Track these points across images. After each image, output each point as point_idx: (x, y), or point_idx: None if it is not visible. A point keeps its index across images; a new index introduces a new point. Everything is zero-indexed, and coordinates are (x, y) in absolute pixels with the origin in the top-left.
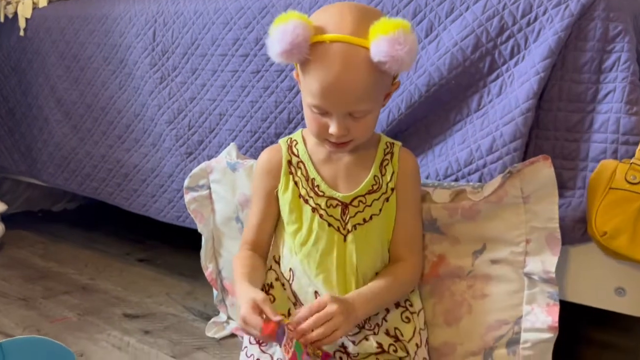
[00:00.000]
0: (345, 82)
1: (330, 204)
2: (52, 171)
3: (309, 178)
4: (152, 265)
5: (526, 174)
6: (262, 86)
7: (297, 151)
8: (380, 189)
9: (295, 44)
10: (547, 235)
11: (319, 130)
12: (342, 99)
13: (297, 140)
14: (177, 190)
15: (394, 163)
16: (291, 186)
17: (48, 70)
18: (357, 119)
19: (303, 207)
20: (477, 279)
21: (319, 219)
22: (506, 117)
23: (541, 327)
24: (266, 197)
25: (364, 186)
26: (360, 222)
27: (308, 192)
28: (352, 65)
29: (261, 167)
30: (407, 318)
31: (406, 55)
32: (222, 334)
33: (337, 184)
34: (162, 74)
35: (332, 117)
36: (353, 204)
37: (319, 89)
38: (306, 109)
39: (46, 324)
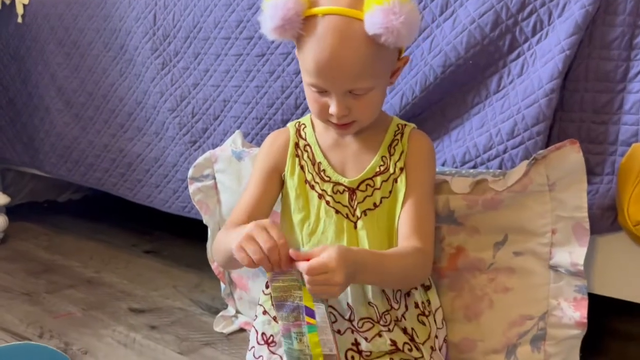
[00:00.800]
0: (341, 58)
1: (336, 189)
2: (54, 162)
3: (315, 162)
4: (159, 257)
5: (552, 160)
6: (267, 70)
7: (304, 135)
8: (388, 170)
9: (287, 18)
10: (574, 225)
11: (320, 111)
12: (339, 76)
13: (306, 124)
14: (181, 180)
15: (403, 142)
16: (297, 170)
17: (47, 57)
18: (359, 97)
19: (309, 193)
20: (498, 272)
21: (326, 206)
22: (528, 98)
23: (568, 322)
24: (265, 178)
25: (370, 168)
26: (371, 207)
27: (314, 177)
28: (347, 38)
29: (266, 146)
30: (423, 321)
31: (402, 25)
32: (231, 329)
33: (345, 169)
34: (164, 60)
35: (332, 96)
36: (360, 188)
37: (314, 66)
38: (306, 89)
39: (50, 320)
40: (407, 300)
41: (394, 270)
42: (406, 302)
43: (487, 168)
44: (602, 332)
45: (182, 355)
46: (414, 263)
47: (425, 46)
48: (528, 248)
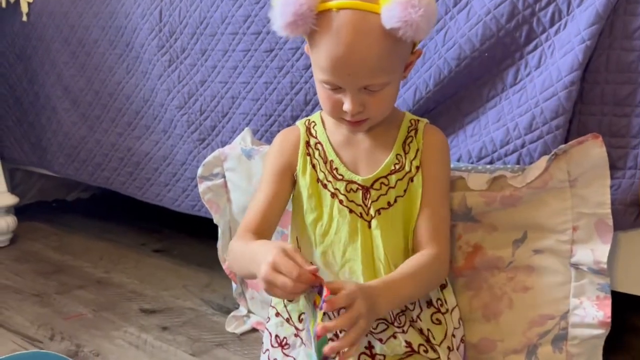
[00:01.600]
0: (356, 54)
1: (350, 188)
2: (62, 161)
3: (327, 160)
4: (169, 256)
5: (574, 155)
6: (276, 66)
7: (315, 132)
8: (403, 168)
9: (300, 14)
10: (596, 221)
11: (333, 108)
12: (354, 73)
13: (316, 121)
14: (190, 179)
15: (418, 139)
16: (309, 169)
17: (53, 56)
18: (373, 93)
19: (322, 193)
20: (518, 271)
21: (339, 205)
22: (547, 91)
23: (591, 322)
24: (277, 179)
25: (384, 166)
26: (385, 206)
27: (326, 175)
28: (363, 34)
29: (277, 145)
30: (438, 320)
31: (421, 19)
32: (243, 329)
33: (358, 167)
34: (171, 57)
35: (346, 93)
36: (374, 187)
37: (328, 63)
38: (318, 86)
39: (61, 321)
40: (420, 300)
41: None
42: (420, 303)
43: (505, 163)
44: (622, 329)
45: (194, 357)
46: (431, 275)
47: (439, 39)
48: (548, 246)
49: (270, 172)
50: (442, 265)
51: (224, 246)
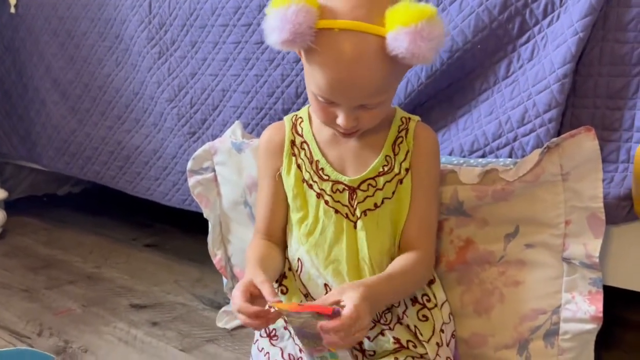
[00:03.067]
0: (357, 77)
1: (336, 188)
2: (52, 155)
3: (313, 160)
4: (160, 251)
5: (566, 148)
6: (267, 58)
7: (301, 130)
8: (392, 170)
9: (298, 33)
10: (588, 215)
11: (326, 119)
12: (352, 94)
13: (303, 117)
14: (181, 173)
15: (408, 140)
16: (294, 169)
17: (42, 48)
18: (368, 110)
19: (307, 193)
20: (509, 265)
21: (325, 206)
22: (539, 84)
23: (583, 317)
24: (273, 181)
25: (373, 168)
26: (371, 207)
27: (312, 176)
28: (365, 58)
29: (264, 147)
30: (424, 316)
31: (429, 51)
32: (234, 324)
33: (345, 167)
34: (161, 49)
35: (341, 108)
36: (361, 188)
37: (326, 83)
38: (311, 95)
39: (50, 317)
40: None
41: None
42: (404, 300)
43: (497, 157)
44: (614, 324)
45: (184, 353)
46: (417, 277)
47: None
48: (540, 240)
49: (263, 175)
50: (428, 268)
51: (214, 240)
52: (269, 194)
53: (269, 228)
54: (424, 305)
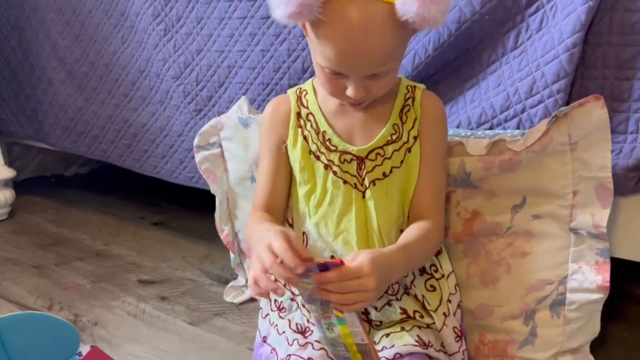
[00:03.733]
0: (366, 46)
1: (344, 159)
2: (59, 134)
3: (320, 131)
4: (167, 229)
5: (574, 117)
6: (273, 33)
7: (306, 102)
8: (400, 139)
9: (305, 4)
10: (596, 185)
11: (334, 91)
12: (362, 64)
13: (307, 90)
14: (188, 150)
15: (415, 108)
16: (300, 141)
17: (48, 26)
18: (378, 78)
19: (314, 164)
20: (517, 236)
21: (333, 177)
22: (548, 54)
23: (590, 287)
24: (275, 154)
25: (381, 137)
26: (380, 176)
27: (319, 147)
28: (374, 25)
29: (267, 119)
30: (432, 286)
31: (439, 13)
32: (241, 299)
33: (352, 137)
34: (166, 25)
35: (349, 80)
36: (370, 157)
37: (335, 54)
38: (319, 70)
39: (59, 292)
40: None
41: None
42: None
43: (504, 129)
44: (621, 297)
45: (192, 326)
46: (432, 244)
47: None
48: (547, 211)
49: (266, 148)
50: (440, 235)
51: (221, 215)
52: (270, 168)
53: (269, 201)
54: (432, 276)
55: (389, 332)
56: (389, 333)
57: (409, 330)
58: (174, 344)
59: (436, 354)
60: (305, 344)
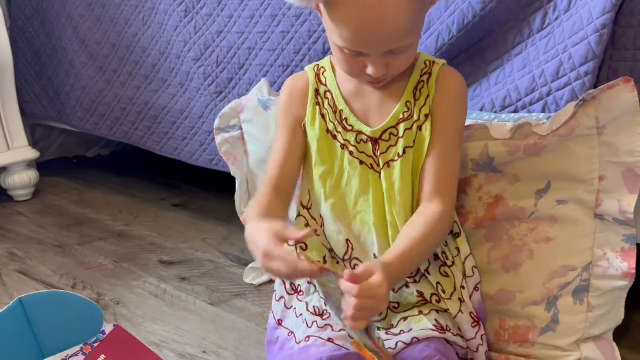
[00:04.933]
0: (382, 23)
1: (360, 139)
2: (81, 115)
3: (337, 110)
4: (188, 210)
5: (603, 100)
6: (293, 14)
7: (324, 80)
8: (412, 117)
9: None
10: (624, 170)
11: (353, 70)
12: (381, 41)
13: (325, 67)
14: (208, 133)
15: (430, 85)
16: (318, 119)
17: (70, 9)
18: (397, 54)
19: (332, 144)
20: (540, 221)
21: (350, 157)
22: (576, 36)
23: (615, 273)
24: (291, 128)
25: (393, 115)
26: (395, 157)
27: (336, 126)
28: (389, 1)
29: (285, 96)
30: (445, 272)
31: None
32: (261, 280)
33: (368, 117)
34: (187, 7)
35: (369, 58)
36: (383, 138)
37: (352, 33)
38: (336, 50)
39: (82, 271)
40: None
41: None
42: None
43: (529, 112)
44: None
45: (213, 306)
46: (438, 237)
47: None
48: (573, 196)
49: (282, 125)
50: (449, 221)
51: (241, 197)
52: (285, 144)
53: (279, 181)
54: (445, 263)
55: (407, 316)
56: (407, 317)
57: (427, 314)
58: (195, 324)
59: (454, 338)
60: (325, 325)
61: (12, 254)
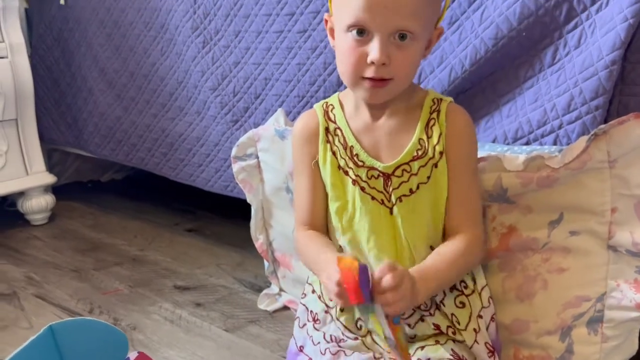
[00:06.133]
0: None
1: (371, 174)
2: (98, 142)
3: (347, 146)
4: (202, 236)
5: (614, 135)
6: (309, 47)
7: (333, 117)
8: (426, 154)
9: None
10: (636, 203)
11: (355, 63)
12: (391, 7)
13: (334, 104)
14: (224, 160)
15: (440, 122)
16: (329, 157)
17: (90, 38)
18: (401, 47)
19: (344, 180)
20: (553, 252)
21: (361, 192)
22: (587, 71)
23: (628, 304)
24: (309, 170)
25: (406, 153)
26: (407, 193)
27: (347, 162)
28: None
29: (298, 136)
30: (462, 303)
31: None
32: (275, 307)
33: (379, 153)
34: (205, 38)
35: (373, 41)
36: (396, 174)
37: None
38: (341, 44)
39: (99, 296)
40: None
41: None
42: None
43: (541, 144)
44: None
45: (228, 332)
46: (468, 260)
47: (475, 18)
48: (585, 227)
49: (300, 163)
50: (479, 248)
51: (257, 224)
52: (308, 184)
53: (312, 218)
54: (462, 292)
55: (424, 345)
56: (424, 346)
57: (444, 344)
58: (211, 350)
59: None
60: (337, 352)
61: (30, 278)
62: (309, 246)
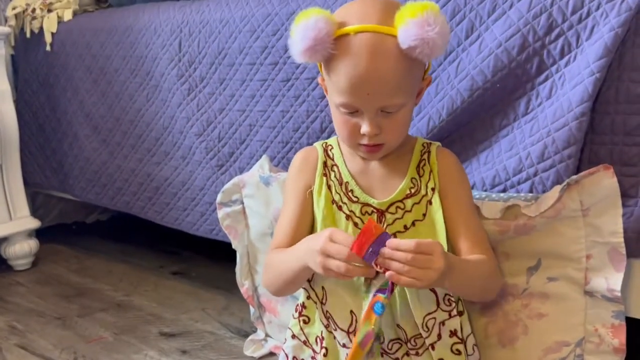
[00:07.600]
0: (375, 73)
1: (365, 211)
2: (83, 186)
3: (343, 182)
4: (187, 279)
5: (586, 185)
6: (292, 95)
7: (332, 155)
8: (419, 192)
9: (319, 39)
10: (609, 250)
11: (350, 134)
12: (373, 92)
13: (333, 145)
14: (209, 204)
15: (431, 162)
16: (324, 190)
17: (76, 84)
18: (390, 116)
19: (336, 215)
20: (532, 298)
21: (354, 228)
22: (558, 121)
23: (606, 349)
24: (301, 198)
25: (400, 191)
26: (401, 229)
27: (342, 197)
28: (381, 54)
29: (296, 166)
30: (458, 350)
31: (437, 36)
32: (261, 353)
33: (373, 192)
34: (190, 85)
35: (363, 116)
36: (390, 210)
37: (347, 84)
38: (335, 113)
39: (83, 345)
40: (441, 329)
41: (476, 276)
42: (440, 331)
43: (518, 191)
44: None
45: None
46: (490, 271)
47: (451, 70)
48: (562, 273)
49: (293, 192)
50: (498, 269)
51: (242, 270)
52: (296, 210)
53: (291, 244)
54: (461, 340)
55: None
56: None
57: None
58: None
59: None
60: None
61: (12, 327)
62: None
